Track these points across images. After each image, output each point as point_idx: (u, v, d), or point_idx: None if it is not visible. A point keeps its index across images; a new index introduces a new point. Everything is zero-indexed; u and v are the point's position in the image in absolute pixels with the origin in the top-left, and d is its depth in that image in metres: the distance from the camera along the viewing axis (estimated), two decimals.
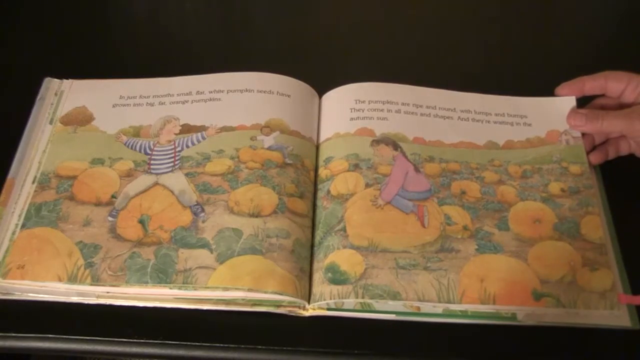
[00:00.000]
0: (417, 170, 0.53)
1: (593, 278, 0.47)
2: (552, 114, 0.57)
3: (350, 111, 0.57)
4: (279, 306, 0.47)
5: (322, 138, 0.57)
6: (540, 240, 0.49)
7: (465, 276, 0.47)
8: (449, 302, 0.46)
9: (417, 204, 0.51)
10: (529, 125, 0.57)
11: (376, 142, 0.55)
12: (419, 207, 0.51)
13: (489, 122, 0.57)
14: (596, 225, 0.50)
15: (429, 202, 0.51)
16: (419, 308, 0.47)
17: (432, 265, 0.48)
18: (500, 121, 0.57)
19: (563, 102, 0.57)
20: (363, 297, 0.46)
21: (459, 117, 0.58)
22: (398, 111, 0.57)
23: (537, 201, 0.52)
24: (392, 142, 0.55)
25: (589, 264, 0.48)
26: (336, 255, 0.48)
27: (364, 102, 0.57)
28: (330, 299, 0.46)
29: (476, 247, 0.49)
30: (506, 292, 0.46)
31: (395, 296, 0.46)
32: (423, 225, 0.50)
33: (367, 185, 0.52)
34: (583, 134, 0.56)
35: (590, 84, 0.55)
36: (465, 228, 0.50)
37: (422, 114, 0.57)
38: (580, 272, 0.47)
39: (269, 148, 0.54)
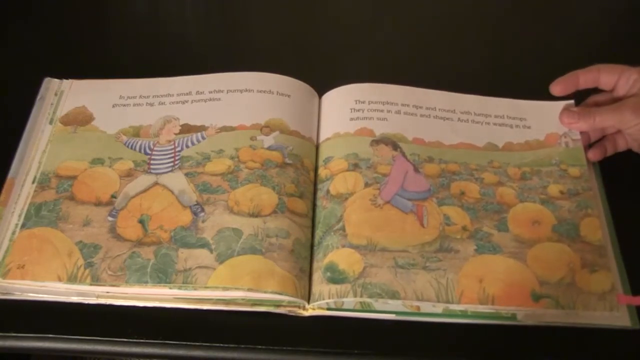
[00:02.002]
0: (416, 170, 0.53)
1: (592, 280, 0.47)
2: (551, 117, 0.57)
3: (350, 111, 0.57)
4: (278, 306, 0.47)
5: (322, 138, 0.57)
6: (540, 241, 0.49)
7: (464, 276, 0.47)
8: (447, 302, 0.46)
9: (416, 204, 0.51)
10: (529, 127, 0.57)
11: (376, 142, 0.55)
12: (418, 207, 0.51)
13: (488, 123, 0.57)
14: (595, 227, 0.50)
15: (428, 202, 0.51)
16: (419, 308, 0.47)
17: (431, 265, 0.48)
18: (500, 123, 0.58)
19: (562, 106, 0.57)
20: (362, 296, 0.46)
21: (459, 118, 0.57)
22: (398, 112, 0.57)
23: (536, 203, 0.52)
24: (392, 142, 0.55)
25: (588, 265, 0.48)
26: (335, 254, 0.48)
27: (363, 102, 0.57)
28: (329, 298, 0.46)
29: (475, 247, 0.49)
30: (505, 292, 0.46)
31: (394, 295, 0.46)
32: (422, 225, 0.50)
33: (367, 185, 0.52)
34: (581, 134, 0.56)
35: (584, 77, 0.55)
36: (464, 228, 0.50)
37: (421, 115, 0.57)
38: (580, 273, 0.47)
39: (269, 148, 0.54)
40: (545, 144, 0.56)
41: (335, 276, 0.47)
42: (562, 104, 0.58)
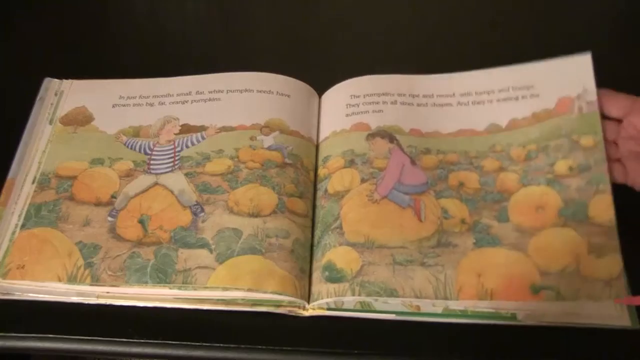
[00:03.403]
0: (413, 163, 0.52)
1: (599, 265, 0.43)
2: (562, 78, 0.51)
3: (345, 107, 0.56)
4: (278, 306, 0.47)
5: (321, 137, 0.57)
6: (543, 228, 0.46)
7: (462, 272, 0.46)
8: (445, 298, 0.45)
9: (413, 198, 0.50)
10: (537, 96, 0.52)
11: (371, 135, 0.54)
12: (416, 201, 0.50)
13: (491, 101, 0.54)
14: (606, 205, 0.45)
15: (426, 195, 0.50)
16: (419, 307, 0.47)
17: (428, 260, 0.47)
18: (504, 98, 0.53)
19: (575, 62, 0.51)
20: (360, 295, 0.45)
21: (459, 102, 0.55)
22: (394, 102, 0.56)
23: (541, 185, 0.48)
24: (388, 135, 0.54)
25: (596, 250, 0.44)
26: (333, 253, 0.48)
27: (359, 96, 0.57)
28: (328, 297, 0.46)
29: (474, 240, 0.48)
30: (503, 287, 0.45)
31: (392, 293, 0.45)
32: (420, 220, 0.49)
33: (363, 181, 0.51)
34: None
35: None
36: (462, 222, 0.49)
37: (418, 104, 0.56)
38: (585, 260, 0.44)
39: (269, 148, 0.54)
40: (555, 112, 0.50)
41: (333, 275, 0.47)
42: (575, 59, 0.51)
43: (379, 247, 0.48)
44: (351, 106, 0.56)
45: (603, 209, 0.45)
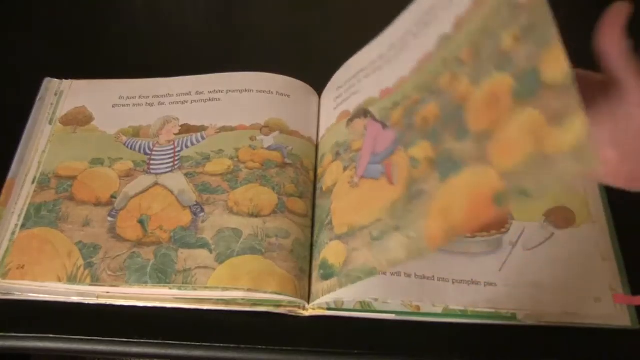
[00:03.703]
0: (384, 126, 0.48)
1: (562, 133, 0.33)
2: None
3: (333, 101, 0.56)
4: (278, 306, 0.47)
5: (320, 136, 0.57)
6: (501, 123, 0.36)
7: (431, 218, 0.40)
8: (419, 254, 0.40)
9: (385, 164, 0.46)
10: None
11: (350, 120, 0.52)
12: (387, 166, 0.46)
13: (436, 14, 0.45)
14: (556, 57, 0.33)
15: (396, 153, 0.45)
16: (418, 307, 0.47)
17: (401, 222, 0.42)
18: (446, 3, 0.45)
19: None
20: (345, 285, 0.44)
21: (414, 34, 0.48)
22: (367, 76, 0.53)
23: (492, 73, 0.38)
24: (362, 112, 0.51)
25: (556, 116, 0.33)
26: (325, 250, 0.48)
27: (342, 86, 0.56)
28: (322, 295, 0.46)
29: (439, 175, 0.40)
30: (467, 215, 0.37)
31: (371, 272, 0.43)
32: (392, 183, 0.44)
33: (345, 169, 0.50)
34: None
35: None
36: (427, 160, 0.42)
37: (388, 61, 0.51)
38: (547, 135, 0.34)
39: (269, 148, 0.54)
40: None
41: (326, 272, 0.46)
42: None
43: (359, 230, 0.45)
44: (337, 98, 0.56)
45: (554, 63, 0.33)
